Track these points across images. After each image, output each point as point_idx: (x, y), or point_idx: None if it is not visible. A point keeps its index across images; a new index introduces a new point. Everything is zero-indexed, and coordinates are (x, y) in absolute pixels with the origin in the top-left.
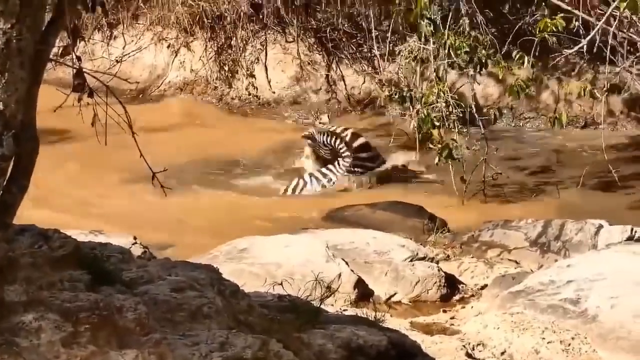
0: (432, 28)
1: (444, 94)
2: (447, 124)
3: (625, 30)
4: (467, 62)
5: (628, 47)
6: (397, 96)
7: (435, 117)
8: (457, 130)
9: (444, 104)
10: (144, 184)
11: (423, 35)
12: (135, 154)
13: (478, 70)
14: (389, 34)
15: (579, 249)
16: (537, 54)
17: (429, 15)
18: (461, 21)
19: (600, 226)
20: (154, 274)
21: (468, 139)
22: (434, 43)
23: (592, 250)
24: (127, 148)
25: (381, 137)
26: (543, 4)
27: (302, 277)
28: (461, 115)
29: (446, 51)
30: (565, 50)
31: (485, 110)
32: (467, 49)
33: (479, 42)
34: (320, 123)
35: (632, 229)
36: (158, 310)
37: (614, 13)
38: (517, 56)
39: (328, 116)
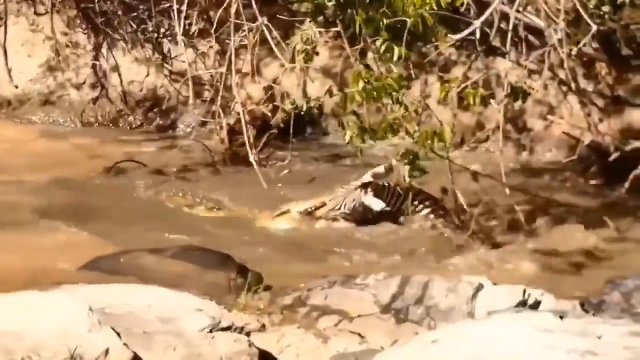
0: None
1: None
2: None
3: (521, 11)
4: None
5: (525, 34)
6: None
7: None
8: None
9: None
10: None
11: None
12: None
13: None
14: (184, 8)
15: (450, 317)
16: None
17: None
18: None
19: (480, 286)
20: None
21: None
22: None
23: (467, 319)
24: None
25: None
26: None
27: (54, 353)
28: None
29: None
30: (451, 36)
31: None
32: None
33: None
34: None
35: (524, 291)
36: None
37: None
38: (384, 46)
39: None
